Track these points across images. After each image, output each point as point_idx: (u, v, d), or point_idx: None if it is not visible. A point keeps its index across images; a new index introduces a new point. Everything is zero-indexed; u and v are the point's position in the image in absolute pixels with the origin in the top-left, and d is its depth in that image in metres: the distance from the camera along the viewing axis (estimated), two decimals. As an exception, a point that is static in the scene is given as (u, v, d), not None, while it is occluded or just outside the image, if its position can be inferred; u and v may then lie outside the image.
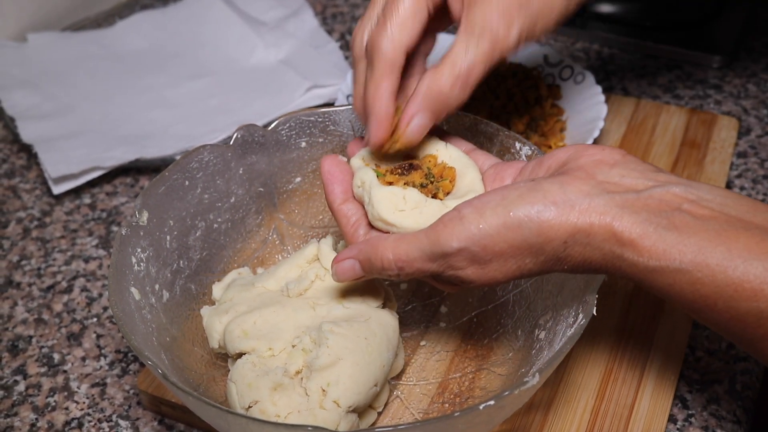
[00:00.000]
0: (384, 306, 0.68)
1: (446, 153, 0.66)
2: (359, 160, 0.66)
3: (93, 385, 0.74)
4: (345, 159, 0.67)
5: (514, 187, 0.56)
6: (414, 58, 0.68)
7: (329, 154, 0.66)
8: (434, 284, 0.62)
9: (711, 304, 0.53)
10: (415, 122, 0.63)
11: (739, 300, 0.52)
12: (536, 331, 0.66)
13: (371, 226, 0.63)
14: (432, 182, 0.64)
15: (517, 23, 0.63)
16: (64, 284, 0.84)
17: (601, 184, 0.55)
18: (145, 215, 0.67)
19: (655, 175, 0.56)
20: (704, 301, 0.53)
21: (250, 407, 0.61)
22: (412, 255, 0.58)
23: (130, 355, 0.77)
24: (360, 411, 0.63)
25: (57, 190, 0.93)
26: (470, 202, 0.57)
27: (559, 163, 0.59)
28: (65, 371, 0.76)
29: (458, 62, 0.62)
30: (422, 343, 0.73)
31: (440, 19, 0.68)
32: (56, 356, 0.77)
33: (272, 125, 0.74)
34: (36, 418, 0.72)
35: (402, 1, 0.63)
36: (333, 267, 0.62)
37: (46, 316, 0.81)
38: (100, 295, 0.83)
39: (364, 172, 0.64)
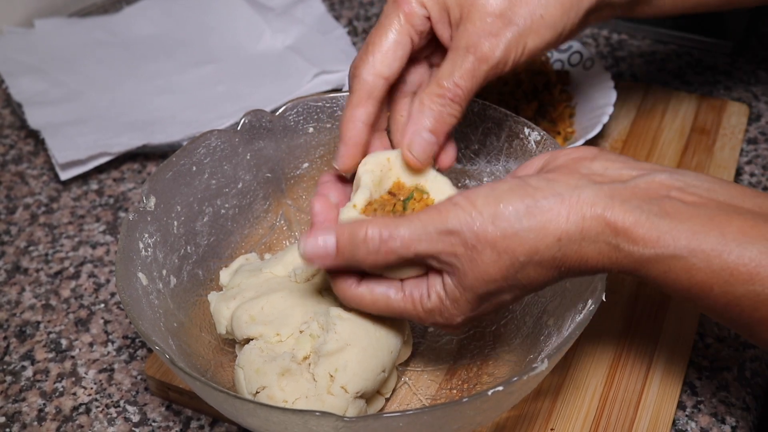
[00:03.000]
0: (392, 292, 0.68)
1: (435, 183, 0.64)
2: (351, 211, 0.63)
3: (100, 371, 0.74)
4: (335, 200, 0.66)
5: (503, 181, 0.56)
6: (406, 87, 0.68)
7: (319, 196, 0.65)
8: (420, 316, 0.59)
9: (707, 290, 0.52)
10: (415, 140, 0.63)
11: (735, 284, 0.51)
12: (544, 317, 0.66)
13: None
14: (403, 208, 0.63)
15: (503, 39, 0.64)
16: (72, 270, 0.84)
17: (587, 176, 0.55)
18: (153, 200, 0.67)
19: (637, 164, 0.56)
20: (700, 287, 0.52)
21: (257, 393, 0.61)
22: (401, 230, 0.55)
23: (137, 340, 0.77)
24: (368, 397, 0.63)
25: (64, 176, 0.93)
26: (461, 193, 0.56)
27: (536, 169, 0.59)
28: (73, 357, 0.76)
29: (443, 80, 0.63)
30: (430, 329, 0.73)
31: (432, 49, 0.68)
32: (64, 342, 0.77)
33: (280, 110, 0.74)
34: (44, 404, 0.72)
35: (385, 31, 0.65)
36: (301, 243, 0.58)
37: (53, 302, 0.81)
38: (108, 280, 0.83)
39: (344, 213, 0.62)
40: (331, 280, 0.60)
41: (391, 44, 0.64)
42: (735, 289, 0.52)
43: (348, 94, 0.66)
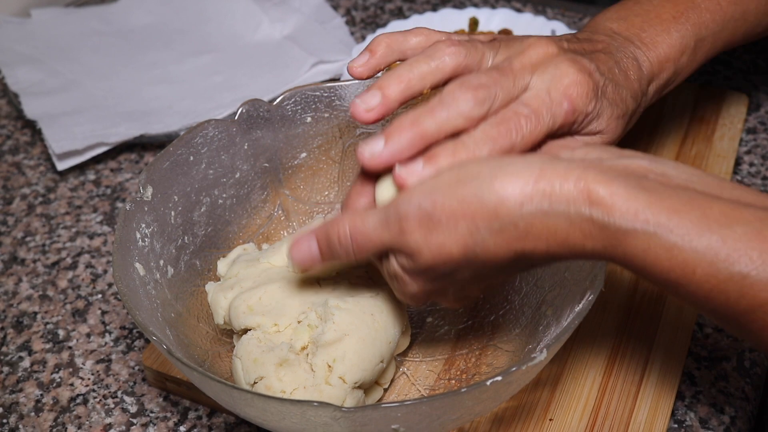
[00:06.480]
0: (390, 282, 0.67)
1: None
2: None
3: (98, 362, 0.74)
4: None
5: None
6: None
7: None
8: (398, 288, 0.59)
9: (689, 273, 0.49)
10: None
11: (719, 266, 0.48)
12: (543, 307, 0.66)
13: None
14: None
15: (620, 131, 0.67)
16: (69, 261, 0.84)
17: (566, 159, 0.53)
18: (150, 190, 0.67)
19: (619, 151, 0.55)
20: (682, 269, 0.49)
21: (255, 383, 0.61)
22: (368, 224, 0.55)
23: (134, 331, 0.77)
24: (366, 387, 0.63)
25: (61, 166, 0.93)
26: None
27: None
28: (70, 347, 0.75)
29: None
30: (428, 319, 0.73)
31: None
32: (61, 332, 0.77)
33: (277, 100, 0.74)
34: (41, 395, 0.72)
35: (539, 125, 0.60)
36: (290, 252, 0.59)
37: (50, 293, 0.81)
38: (105, 271, 0.83)
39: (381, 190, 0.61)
40: None
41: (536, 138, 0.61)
42: (719, 272, 0.48)
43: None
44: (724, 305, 0.49)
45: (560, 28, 0.97)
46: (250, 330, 0.64)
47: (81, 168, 0.95)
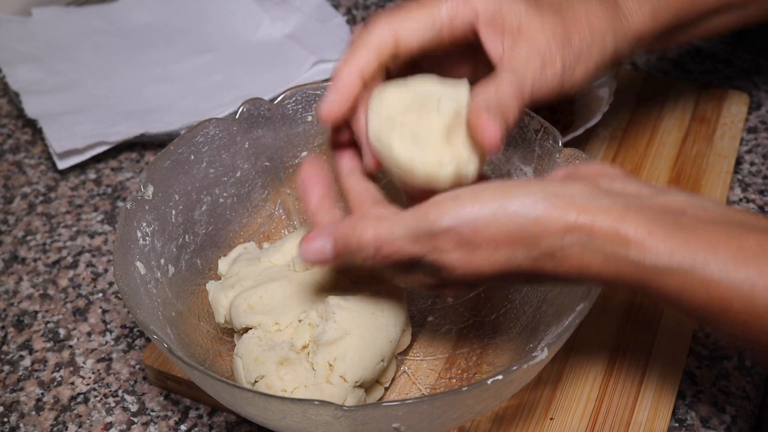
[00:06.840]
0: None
1: None
2: None
3: (99, 360, 0.74)
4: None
5: (514, 180, 0.55)
6: None
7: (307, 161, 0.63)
8: (409, 282, 0.59)
9: (726, 306, 0.50)
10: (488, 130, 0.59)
11: (756, 298, 0.49)
12: (544, 306, 0.66)
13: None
14: None
15: (560, 60, 0.63)
16: (70, 259, 0.84)
17: (605, 191, 0.53)
18: (151, 189, 0.67)
19: (657, 187, 0.55)
20: (719, 302, 0.50)
21: (256, 382, 0.61)
22: (395, 233, 0.53)
23: (135, 330, 0.77)
24: (367, 386, 0.63)
25: (62, 165, 0.93)
26: (467, 187, 0.54)
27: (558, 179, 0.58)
28: (71, 346, 0.75)
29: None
30: (429, 318, 0.73)
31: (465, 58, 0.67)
32: (62, 331, 0.77)
33: (278, 99, 0.74)
34: (42, 393, 0.72)
35: (420, 6, 0.62)
36: (301, 246, 0.57)
37: (51, 292, 0.81)
38: (106, 270, 0.83)
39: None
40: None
41: (422, 19, 0.61)
42: (757, 304, 0.49)
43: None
44: (761, 336, 0.50)
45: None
46: (250, 329, 0.64)
47: (82, 167, 0.95)
